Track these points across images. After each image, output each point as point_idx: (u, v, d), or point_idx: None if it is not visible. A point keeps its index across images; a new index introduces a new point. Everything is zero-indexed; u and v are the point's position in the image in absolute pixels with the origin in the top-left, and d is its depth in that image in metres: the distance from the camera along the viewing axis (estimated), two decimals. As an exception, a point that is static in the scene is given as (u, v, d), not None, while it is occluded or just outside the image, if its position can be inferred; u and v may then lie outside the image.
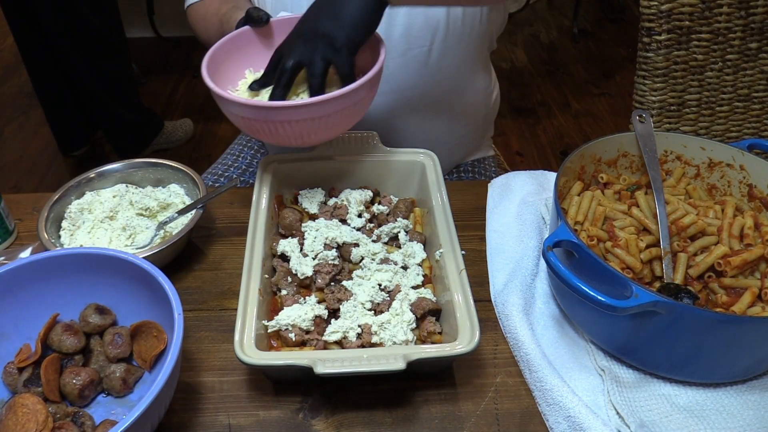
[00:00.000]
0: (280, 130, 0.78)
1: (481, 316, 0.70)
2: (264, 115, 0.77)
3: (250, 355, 0.64)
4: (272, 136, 0.80)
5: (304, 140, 0.81)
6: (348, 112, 0.79)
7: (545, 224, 0.90)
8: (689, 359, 0.67)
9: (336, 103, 0.76)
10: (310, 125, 0.77)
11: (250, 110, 0.78)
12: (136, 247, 0.85)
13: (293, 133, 0.78)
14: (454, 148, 1.15)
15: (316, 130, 0.79)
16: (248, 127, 0.81)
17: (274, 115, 0.77)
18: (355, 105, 0.79)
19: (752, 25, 1.16)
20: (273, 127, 0.78)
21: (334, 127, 0.81)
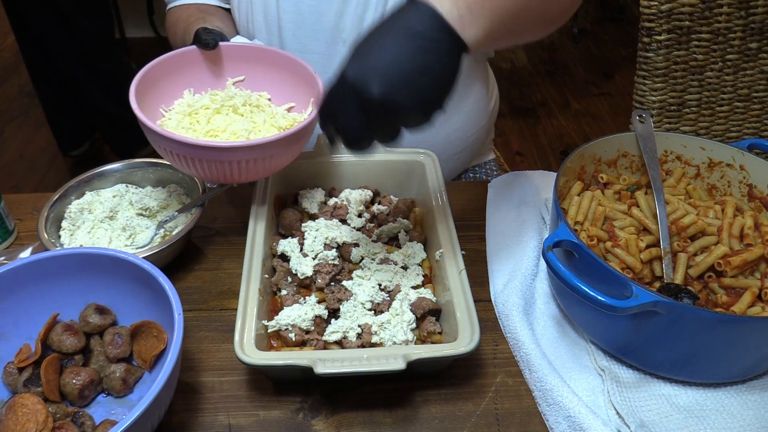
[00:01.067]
0: (206, 167, 0.75)
1: (481, 316, 0.70)
2: (192, 153, 0.74)
3: (250, 355, 0.64)
4: (197, 171, 0.77)
5: (233, 178, 0.78)
6: (279, 158, 0.78)
7: (545, 224, 0.90)
8: (689, 359, 0.67)
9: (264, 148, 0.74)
10: (235, 166, 0.75)
11: (177, 146, 0.74)
12: (136, 247, 0.85)
13: (219, 170, 0.75)
14: (455, 160, 1.14)
15: (247, 170, 0.76)
16: (173, 161, 0.78)
17: (200, 153, 0.74)
18: (287, 149, 0.77)
19: (752, 25, 1.16)
20: (199, 164, 0.75)
21: (264, 168, 0.78)
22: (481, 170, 1.23)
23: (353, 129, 0.61)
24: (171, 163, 0.79)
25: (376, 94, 0.56)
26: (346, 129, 0.61)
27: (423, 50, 0.57)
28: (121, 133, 2.55)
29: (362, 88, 0.56)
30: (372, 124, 0.60)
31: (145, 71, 0.83)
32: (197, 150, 0.74)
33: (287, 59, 0.89)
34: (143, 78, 0.82)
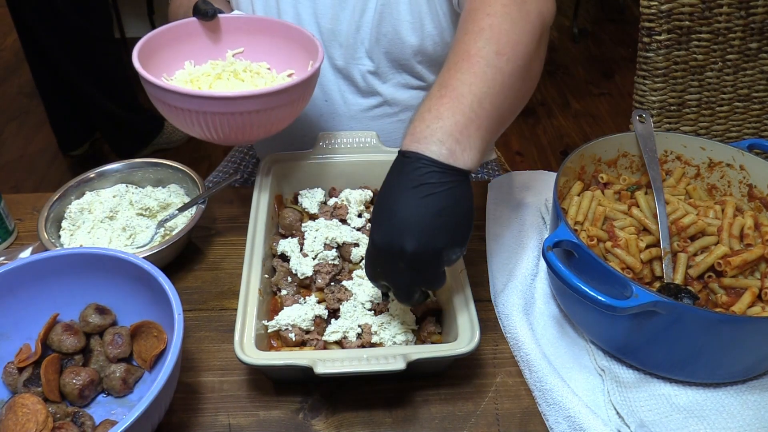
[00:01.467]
0: (210, 123, 0.75)
1: (481, 316, 0.70)
2: (196, 104, 0.74)
3: (250, 355, 0.64)
4: (202, 129, 0.77)
5: (236, 136, 0.79)
6: (283, 111, 0.78)
7: (545, 224, 0.90)
8: (689, 359, 0.67)
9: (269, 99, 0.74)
10: (240, 120, 0.75)
11: (181, 99, 0.74)
12: (136, 247, 0.85)
13: (224, 126, 0.76)
14: None
15: (246, 125, 0.76)
16: (177, 118, 0.78)
17: (207, 105, 0.73)
18: (291, 104, 0.78)
19: (752, 25, 1.16)
20: (204, 119, 0.75)
21: (266, 124, 0.78)
22: (483, 170, 1.23)
23: (404, 285, 0.65)
24: (174, 122, 0.79)
25: (410, 250, 0.60)
26: (397, 288, 0.66)
27: (432, 196, 0.60)
28: (122, 133, 2.55)
29: (395, 249, 0.61)
30: (417, 276, 0.63)
31: (147, 39, 0.83)
32: (204, 102, 0.73)
33: (285, 27, 0.89)
34: (144, 46, 0.82)
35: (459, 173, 0.62)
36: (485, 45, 0.66)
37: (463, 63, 0.66)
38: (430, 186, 0.60)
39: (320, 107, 1.04)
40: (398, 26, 0.94)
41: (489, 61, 0.65)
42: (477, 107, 0.63)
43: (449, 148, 0.61)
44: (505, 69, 0.66)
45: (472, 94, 0.63)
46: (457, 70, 0.65)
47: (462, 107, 0.63)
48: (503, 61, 0.66)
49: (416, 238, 0.60)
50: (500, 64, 0.65)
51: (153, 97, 0.77)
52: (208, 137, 0.79)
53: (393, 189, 0.62)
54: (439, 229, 0.61)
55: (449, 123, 0.62)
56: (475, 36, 0.67)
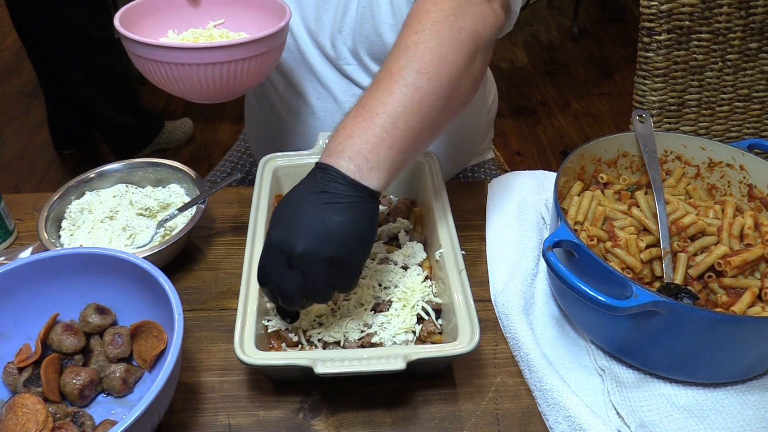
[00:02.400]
0: (184, 75, 0.79)
1: (481, 316, 0.70)
2: (170, 56, 0.78)
3: (250, 355, 0.64)
4: (177, 82, 0.80)
5: (209, 90, 0.82)
6: (256, 63, 0.82)
7: (545, 224, 0.90)
8: (689, 359, 0.67)
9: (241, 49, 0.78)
10: (212, 71, 0.79)
11: (153, 51, 0.78)
12: (136, 247, 0.85)
13: (198, 78, 0.79)
14: (453, 157, 1.14)
15: (218, 78, 0.80)
16: (153, 73, 0.81)
17: (179, 56, 0.78)
18: (263, 55, 0.82)
19: (752, 25, 1.16)
20: (177, 71, 0.79)
21: (237, 79, 0.81)
22: (480, 170, 1.23)
23: (286, 286, 0.64)
24: (151, 79, 0.83)
25: (300, 250, 0.61)
26: (281, 287, 0.64)
27: (335, 206, 0.62)
28: (121, 135, 2.55)
29: (287, 247, 0.62)
30: (303, 281, 0.63)
31: (128, 8, 0.87)
32: (183, 53, 0.77)
33: (269, 2, 0.92)
34: (126, 13, 0.86)
35: (364, 191, 0.63)
36: (407, 63, 0.66)
37: (383, 82, 0.67)
38: (332, 195, 0.62)
39: (313, 105, 1.05)
40: (379, 28, 0.95)
41: (408, 81, 0.66)
42: (390, 127, 0.64)
43: (357, 165, 0.63)
44: (425, 88, 0.66)
45: (386, 113, 0.64)
46: (376, 89, 0.66)
47: (374, 127, 0.64)
48: (424, 81, 0.66)
49: (307, 239, 0.61)
50: (420, 83, 0.66)
51: (134, 55, 0.81)
52: (180, 90, 0.82)
53: (299, 193, 0.64)
54: (331, 238, 0.61)
55: (359, 141, 0.63)
56: (399, 54, 0.68)
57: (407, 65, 0.66)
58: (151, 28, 0.90)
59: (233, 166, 1.28)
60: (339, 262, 0.62)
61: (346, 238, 0.62)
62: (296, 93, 1.05)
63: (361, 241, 0.64)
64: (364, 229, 0.64)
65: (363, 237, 0.64)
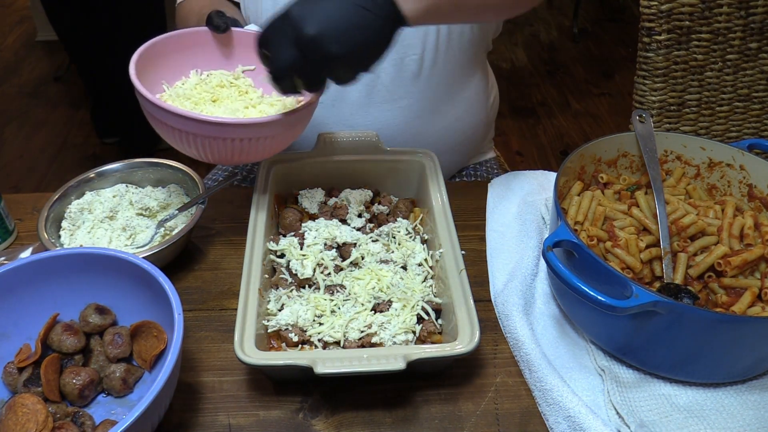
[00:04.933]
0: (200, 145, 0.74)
1: (481, 316, 0.70)
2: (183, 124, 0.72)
3: (250, 355, 0.64)
4: (189, 147, 0.76)
5: (224, 159, 0.77)
6: (284, 136, 0.78)
7: (545, 224, 0.90)
8: (689, 359, 0.67)
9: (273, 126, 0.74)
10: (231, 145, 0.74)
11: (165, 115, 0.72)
12: (136, 247, 0.85)
13: (213, 149, 0.74)
14: (455, 153, 1.14)
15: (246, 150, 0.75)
16: (162, 131, 0.76)
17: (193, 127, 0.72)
18: (293, 127, 0.77)
19: (752, 25, 1.16)
20: (190, 139, 0.74)
21: (263, 149, 0.77)
22: (482, 168, 1.23)
23: (282, 61, 0.66)
24: (167, 139, 0.78)
25: (310, 32, 0.63)
26: (276, 58, 0.67)
27: (362, 10, 0.63)
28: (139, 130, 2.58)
29: (300, 25, 0.63)
30: (300, 64, 0.66)
31: (151, 44, 0.82)
32: (196, 125, 0.72)
33: None
34: (148, 50, 0.81)
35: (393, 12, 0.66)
36: None
37: None
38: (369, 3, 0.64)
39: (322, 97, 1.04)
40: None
41: None
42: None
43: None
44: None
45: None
46: None
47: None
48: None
49: (321, 27, 0.63)
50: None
51: (144, 109, 0.76)
52: (197, 156, 0.78)
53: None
54: (343, 36, 0.63)
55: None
56: None
57: None
58: (173, 65, 0.85)
59: (234, 165, 1.27)
60: (342, 62, 0.65)
61: (358, 43, 0.64)
62: None
63: (370, 53, 0.67)
64: (378, 44, 0.67)
65: (374, 51, 0.67)
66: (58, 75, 3.24)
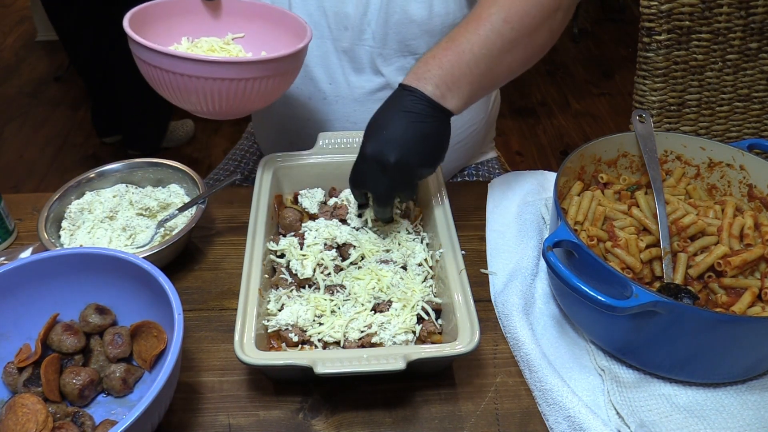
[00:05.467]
0: (190, 87, 0.75)
1: (481, 316, 0.70)
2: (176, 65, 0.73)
3: (250, 355, 0.64)
4: (182, 94, 0.77)
5: (215, 107, 0.78)
6: (268, 84, 0.78)
7: (545, 224, 0.90)
8: (689, 359, 0.67)
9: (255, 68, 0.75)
10: (219, 87, 0.75)
11: (159, 58, 0.73)
12: (136, 247, 0.85)
13: (204, 93, 0.75)
14: (454, 153, 1.14)
15: (225, 96, 0.76)
16: (159, 81, 0.77)
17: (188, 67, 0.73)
18: (276, 77, 0.78)
19: (752, 25, 1.16)
20: (183, 82, 0.74)
21: (246, 98, 0.78)
22: (483, 168, 1.23)
23: (381, 190, 0.77)
24: (156, 87, 0.79)
25: (393, 160, 0.73)
26: (375, 191, 0.78)
27: (419, 124, 0.74)
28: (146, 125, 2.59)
29: (381, 158, 0.73)
30: (394, 184, 0.76)
31: (140, 9, 0.82)
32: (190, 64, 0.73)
33: (282, 14, 0.89)
34: (137, 14, 0.81)
35: (443, 113, 0.76)
36: (496, 12, 0.77)
37: (472, 24, 0.77)
38: (419, 116, 0.74)
39: (324, 90, 1.04)
40: (406, 5, 0.95)
41: (494, 27, 0.76)
42: (473, 65, 0.76)
43: (442, 92, 0.75)
44: (508, 36, 0.77)
45: (472, 52, 0.76)
46: (466, 29, 0.77)
47: (460, 62, 0.75)
48: (507, 29, 0.77)
49: (399, 152, 0.73)
50: (504, 31, 0.77)
51: (141, 61, 0.77)
52: (184, 102, 0.79)
53: (389, 111, 0.75)
54: (418, 150, 0.74)
55: (447, 72, 0.75)
56: (491, 2, 0.78)
57: (495, 13, 0.77)
58: (163, 33, 0.86)
59: (236, 165, 1.27)
60: (424, 168, 0.76)
61: (430, 148, 0.76)
62: (307, 79, 1.04)
63: (441, 150, 0.78)
64: (443, 142, 0.77)
65: (443, 147, 0.78)
66: (58, 75, 3.24)
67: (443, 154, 0.78)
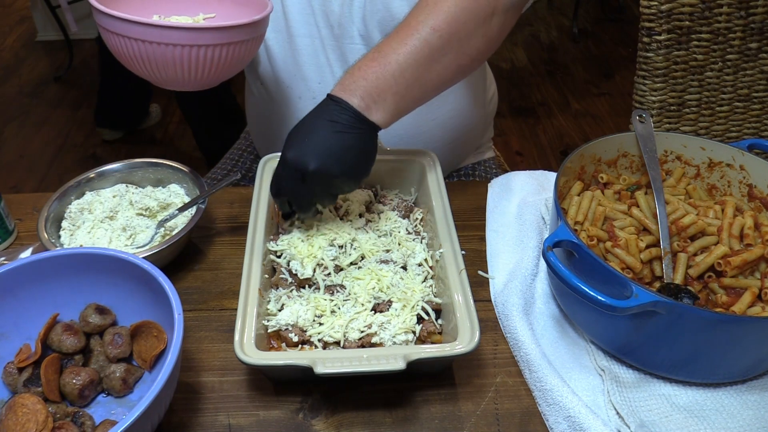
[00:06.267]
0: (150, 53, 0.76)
1: (481, 316, 0.70)
2: (142, 33, 0.74)
3: (250, 355, 0.64)
4: (150, 65, 0.77)
5: (179, 76, 0.79)
6: (230, 52, 0.79)
7: (545, 224, 0.90)
8: (689, 359, 0.67)
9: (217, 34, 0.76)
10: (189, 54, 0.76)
11: (126, 26, 0.74)
12: (136, 247, 0.85)
13: (165, 59, 0.76)
14: (451, 151, 1.14)
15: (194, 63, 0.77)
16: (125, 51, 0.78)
17: (152, 34, 0.74)
18: (233, 45, 0.79)
19: (752, 25, 1.16)
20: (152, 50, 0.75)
21: (213, 66, 0.79)
22: (481, 167, 1.23)
23: (301, 197, 0.77)
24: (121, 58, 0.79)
25: (312, 168, 0.72)
26: (295, 199, 0.77)
27: (343, 134, 0.73)
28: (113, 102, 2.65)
29: (301, 166, 0.73)
30: (314, 191, 0.75)
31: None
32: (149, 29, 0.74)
33: (262, 2, 0.89)
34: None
35: (369, 125, 0.74)
36: (425, 19, 0.75)
37: (401, 32, 0.76)
38: (343, 126, 0.73)
39: (314, 89, 1.04)
40: (389, 2, 0.95)
41: (422, 35, 0.75)
42: (399, 76, 0.75)
43: (366, 104, 0.74)
44: (436, 44, 0.75)
45: (397, 63, 0.74)
46: (394, 38, 0.76)
47: (386, 74, 0.74)
48: (435, 37, 0.75)
49: (319, 159, 0.72)
50: (432, 39, 0.75)
51: (104, 30, 0.77)
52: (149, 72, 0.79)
53: (313, 120, 0.75)
54: (339, 160, 0.73)
55: (372, 84, 0.74)
56: (421, 9, 0.77)
57: (424, 20, 0.75)
58: (135, 10, 0.85)
59: (234, 164, 1.28)
60: (344, 179, 0.75)
61: (352, 160, 0.74)
62: (298, 78, 1.04)
63: (364, 163, 0.76)
64: (367, 154, 0.76)
65: (366, 160, 0.77)
66: (58, 75, 3.24)
67: (367, 168, 0.77)
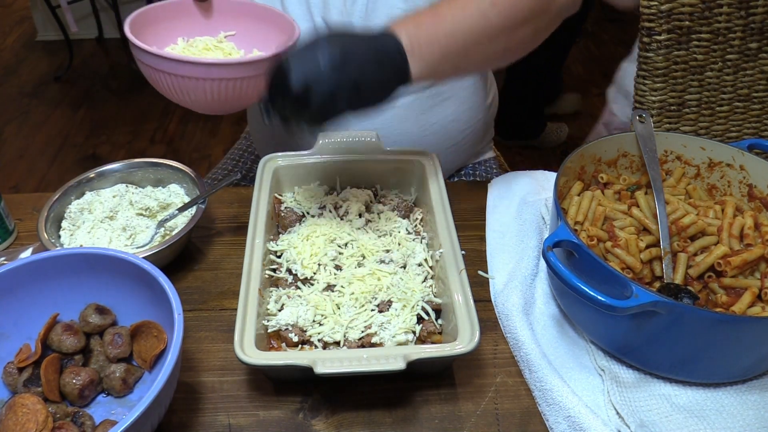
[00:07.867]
0: (187, 87, 0.79)
1: (481, 316, 0.70)
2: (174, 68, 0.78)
3: (250, 355, 0.64)
4: (181, 93, 0.81)
5: (211, 104, 0.82)
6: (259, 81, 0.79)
7: (545, 224, 0.90)
8: (689, 359, 0.67)
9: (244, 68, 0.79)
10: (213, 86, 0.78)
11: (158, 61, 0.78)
12: (136, 247, 0.85)
13: (201, 92, 0.79)
14: (451, 152, 1.14)
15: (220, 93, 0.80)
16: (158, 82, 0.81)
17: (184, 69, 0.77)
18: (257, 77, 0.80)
19: (752, 25, 1.16)
20: (180, 83, 0.79)
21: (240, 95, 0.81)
22: (481, 167, 1.23)
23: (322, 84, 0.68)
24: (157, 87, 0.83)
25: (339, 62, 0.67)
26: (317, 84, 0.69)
27: (379, 64, 0.69)
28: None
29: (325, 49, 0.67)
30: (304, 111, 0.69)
31: (140, 12, 0.87)
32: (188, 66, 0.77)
33: (273, 14, 0.92)
34: (137, 18, 0.85)
35: (404, 73, 0.71)
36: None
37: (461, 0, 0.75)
38: (385, 54, 0.70)
39: None
40: (391, 12, 0.95)
41: (480, 7, 0.74)
42: (449, 37, 0.74)
43: (411, 46, 0.71)
44: (492, 20, 0.75)
45: (453, 24, 0.74)
46: (453, 3, 0.75)
47: (437, 31, 0.73)
48: (494, 13, 0.75)
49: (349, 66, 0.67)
50: (490, 14, 0.75)
51: (141, 63, 0.80)
52: (183, 101, 0.83)
53: (360, 38, 0.70)
54: (362, 76, 0.68)
55: (423, 34, 0.72)
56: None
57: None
58: (161, 34, 0.90)
59: (234, 164, 1.27)
60: (352, 95, 0.69)
61: (370, 88, 0.70)
62: None
63: (372, 93, 0.71)
64: (384, 98, 0.72)
65: (376, 95, 0.72)
66: (58, 75, 3.24)
67: (371, 103, 0.72)
